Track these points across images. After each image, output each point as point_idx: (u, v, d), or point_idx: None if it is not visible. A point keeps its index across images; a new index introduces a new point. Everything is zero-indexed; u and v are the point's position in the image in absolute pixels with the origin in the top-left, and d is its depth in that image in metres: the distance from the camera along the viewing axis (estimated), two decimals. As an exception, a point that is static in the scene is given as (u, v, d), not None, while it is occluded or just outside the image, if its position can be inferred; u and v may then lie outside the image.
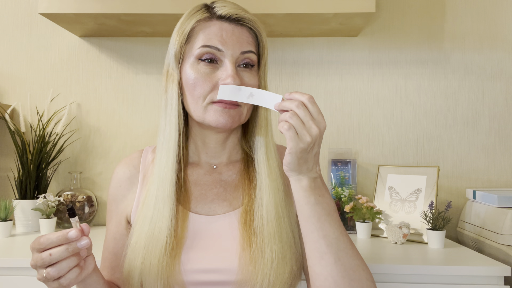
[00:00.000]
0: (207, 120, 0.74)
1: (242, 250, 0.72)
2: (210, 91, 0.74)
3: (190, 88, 0.75)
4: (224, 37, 0.74)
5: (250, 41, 0.76)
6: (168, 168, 0.76)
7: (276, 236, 0.72)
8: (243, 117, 0.77)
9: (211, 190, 0.80)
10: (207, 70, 0.74)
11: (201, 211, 0.78)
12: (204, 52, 0.74)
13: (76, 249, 0.62)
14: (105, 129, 1.59)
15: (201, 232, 0.75)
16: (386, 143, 1.56)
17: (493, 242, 1.19)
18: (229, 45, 0.73)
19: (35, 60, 1.61)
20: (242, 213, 0.76)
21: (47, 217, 1.37)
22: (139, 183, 0.82)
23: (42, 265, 0.61)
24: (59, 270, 0.61)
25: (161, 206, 0.74)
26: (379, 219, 1.35)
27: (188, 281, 0.72)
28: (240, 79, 0.74)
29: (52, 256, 0.60)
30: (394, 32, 1.56)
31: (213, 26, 0.75)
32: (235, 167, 0.83)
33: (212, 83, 0.73)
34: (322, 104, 1.57)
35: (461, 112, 1.55)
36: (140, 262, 0.72)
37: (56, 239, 0.61)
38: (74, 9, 1.31)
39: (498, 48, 1.55)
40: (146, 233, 0.73)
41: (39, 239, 0.62)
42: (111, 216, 0.84)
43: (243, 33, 0.76)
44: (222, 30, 0.74)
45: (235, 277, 0.71)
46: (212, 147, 0.82)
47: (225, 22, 0.75)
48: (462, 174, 1.54)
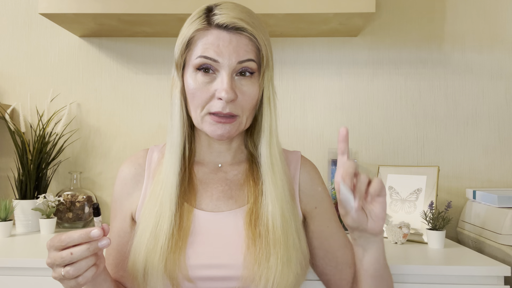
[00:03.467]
0: (204, 130, 0.76)
1: (247, 248, 0.73)
2: (207, 101, 0.74)
3: (190, 97, 0.76)
4: (221, 47, 0.73)
5: (249, 49, 0.74)
6: (173, 166, 0.77)
7: (282, 241, 0.73)
8: (243, 126, 0.77)
9: (216, 188, 0.81)
10: (205, 80, 0.74)
11: (206, 207, 0.78)
12: (201, 62, 0.74)
13: (97, 249, 0.62)
14: (105, 129, 1.59)
15: (206, 228, 0.76)
16: (386, 143, 1.56)
17: (493, 242, 1.19)
18: (225, 56, 0.73)
19: (35, 60, 1.61)
20: (247, 212, 0.76)
21: (47, 217, 1.37)
22: (145, 181, 0.83)
23: (61, 263, 0.61)
24: (78, 269, 0.61)
25: (166, 201, 0.75)
26: (379, 219, 1.35)
27: (192, 276, 0.72)
28: (238, 88, 0.74)
29: (74, 255, 0.60)
30: (394, 32, 1.56)
31: (210, 35, 0.74)
32: (240, 166, 0.84)
33: (209, 93, 0.74)
34: (322, 104, 1.57)
35: (461, 112, 1.55)
36: (145, 256, 0.72)
37: (78, 237, 0.61)
38: (74, 9, 1.31)
39: (498, 48, 1.55)
40: (151, 227, 0.74)
41: (59, 237, 0.61)
42: (116, 214, 0.84)
43: (241, 41, 0.74)
44: (219, 40, 0.73)
45: (240, 272, 0.72)
46: (217, 148, 0.83)
47: (223, 31, 0.74)
48: (462, 174, 1.54)
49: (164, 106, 1.58)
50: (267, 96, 0.79)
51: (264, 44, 0.76)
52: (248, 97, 0.75)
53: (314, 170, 0.88)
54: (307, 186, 0.85)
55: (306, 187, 0.85)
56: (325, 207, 0.85)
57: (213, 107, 0.74)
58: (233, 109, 0.74)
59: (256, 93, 0.76)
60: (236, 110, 0.74)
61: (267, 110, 0.79)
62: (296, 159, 0.87)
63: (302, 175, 0.85)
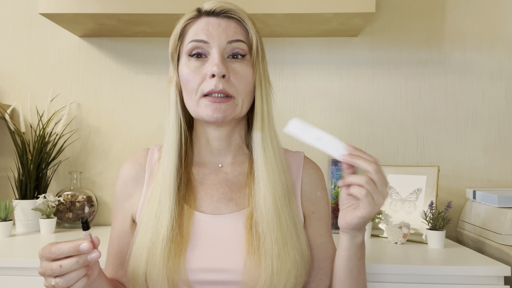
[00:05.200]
0: (200, 114, 0.75)
1: (247, 252, 0.72)
2: (200, 83, 0.75)
3: (185, 84, 0.77)
4: (210, 30, 0.76)
5: (238, 31, 0.77)
6: (170, 166, 0.77)
7: (281, 242, 0.72)
8: (239, 109, 0.77)
9: (217, 189, 0.80)
10: (197, 64, 0.76)
11: (206, 210, 0.78)
12: (192, 47, 0.76)
13: (86, 262, 0.62)
14: (105, 129, 1.59)
15: (206, 231, 0.75)
16: (386, 143, 1.56)
17: (493, 242, 1.19)
18: (215, 37, 0.75)
19: (35, 60, 1.61)
20: (248, 216, 0.76)
21: (47, 217, 1.37)
22: (145, 181, 0.82)
23: (51, 274, 0.61)
24: (68, 280, 0.61)
25: (164, 203, 0.74)
26: (379, 219, 1.35)
27: (192, 280, 0.72)
28: (231, 69, 0.75)
29: (62, 268, 0.61)
30: (394, 32, 1.56)
31: (201, 22, 0.77)
32: (240, 167, 0.82)
33: (201, 75, 0.75)
34: (322, 104, 1.57)
35: (461, 112, 1.55)
36: (145, 258, 0.72)
37: (68, 250, 0.61)
38: (74, 9, 1.31)
39: (498, 48, 1.55)
40: (151, 230, 0.73)
41: (49, 248, 0.62)
42: (116, 214, 0.84)
43: (230, 24, 0.77)
44: (208, 25, 0.76)
45: (240, 277, 0.71)
46: (216, 145, 0.81)
47: (212, 17, 0.77)
48: (462, 174, 1.54)
49: (164, 106, 1.58)
50: (258, 79, 0.79)
51: (252, 27, 0.78)
52: (241, 77, 0.76)
53: (316, 172, 0.86)
54: (307, 189, 0.84)
55: (307, 190, 0.83)
56: (322, 214, 0.84)
57: (206, 87, 0.74)
58: (227, 88, 0.74)
59: (250, 75, 0.77)
60: (230, 90, 0.74)
61: (258, 92, 0.79)
62: (299, 160, 0.85)
63: (304, 177, 0.84)
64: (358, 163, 0.68)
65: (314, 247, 0.83)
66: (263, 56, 0.80)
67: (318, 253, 0.83)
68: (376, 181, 0.66)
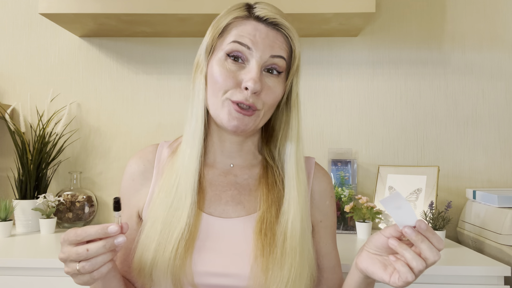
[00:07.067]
0: (221, 117, 0.73)
1: (254, 258, 0.71)
2: (231, 88, 0.72)
3: (213, 81, 0.73)
4: (257, 37, 0.72)
5: (283, 47, 0.74)
6: (193, 159, 0.75)
7: (298, 251, 0.71)
8: (259, 120, 0.75)
9: (225, 191, 0.78)
10: (233, 68, 0.72)
11: (214, 212, 0.76)
12: (233, 48, 0.72)
13: (113, 246, 0.61)
14: (105, 129, 1.59)
15: (214, 234, 0.74)
16: (386, 143, 1.56)
17: (493, 242, 1.19)
18: (260, 46, 0.71)
19: (35, 60, 1.61)
20: (258, 221, 0.74)
21: (47, 217, 1.37)
22: (153, 178, 0.80)
23: (76, 259, 0.60)
24: (94, 264, 0.60)
25: (183, 196, 0.73)
26: (379, 219, 1.35)
27: (198, 283, 0.71)
28: (263, 84, 0.72)
29: (89, 251, 0.59)
30: (394, 32, 1.56)
31: (249, 25, 0.73)
32: (251, 171, 0.81)
33: (235, 80, 0.72)
34: (322, 104, 1.57)
35: (461, 112, 1.55)
36: (154, 248, 0.70)
37: (95, 232, 0.60)
38: (74, 9, 1.31)
39: (498, 48, 1.55)
40: (163, 221, 0.72)
41: (75, 231, 0.60)
42: (122, 210, 0.82)
43: (278, 37, 0.73)
44: (256, 30, 0.72)
45: (246, 283, 0.70)
46: (228, 145, 0.80)
47: (261, 23, 0.73)
48: (462, 174, 1.54)
49: (164, 106, 1.58)
50: (294, 100, 0.77)
51: (298, 46, 0.76)
52: (272, 94, 0.73)
53: (326, 180, 0.85)
54: (317, 198, 0.83)
55: (316, 198, 0.82)
56: (329, 223, 0.84)
57: (236, 96, 0.71)
58: (256, 102, 0.72)
59: (280, 93, 0.75)
60: (258, 104, 0.72)
61: (295, 113, 0.77)
62: (310, 166, 0.84)
63: (314, 185, 0.83)
64: (421, 248, 0.62)
65: (318, 256, 0.82)
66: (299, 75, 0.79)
67: (322, 262, 0.83)
68: (426, 267, 0.63)
